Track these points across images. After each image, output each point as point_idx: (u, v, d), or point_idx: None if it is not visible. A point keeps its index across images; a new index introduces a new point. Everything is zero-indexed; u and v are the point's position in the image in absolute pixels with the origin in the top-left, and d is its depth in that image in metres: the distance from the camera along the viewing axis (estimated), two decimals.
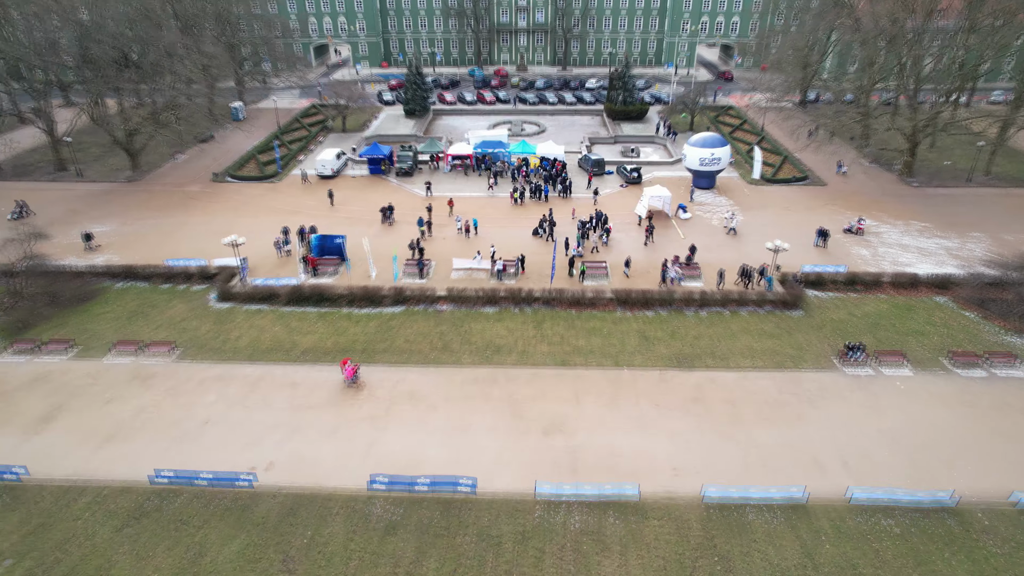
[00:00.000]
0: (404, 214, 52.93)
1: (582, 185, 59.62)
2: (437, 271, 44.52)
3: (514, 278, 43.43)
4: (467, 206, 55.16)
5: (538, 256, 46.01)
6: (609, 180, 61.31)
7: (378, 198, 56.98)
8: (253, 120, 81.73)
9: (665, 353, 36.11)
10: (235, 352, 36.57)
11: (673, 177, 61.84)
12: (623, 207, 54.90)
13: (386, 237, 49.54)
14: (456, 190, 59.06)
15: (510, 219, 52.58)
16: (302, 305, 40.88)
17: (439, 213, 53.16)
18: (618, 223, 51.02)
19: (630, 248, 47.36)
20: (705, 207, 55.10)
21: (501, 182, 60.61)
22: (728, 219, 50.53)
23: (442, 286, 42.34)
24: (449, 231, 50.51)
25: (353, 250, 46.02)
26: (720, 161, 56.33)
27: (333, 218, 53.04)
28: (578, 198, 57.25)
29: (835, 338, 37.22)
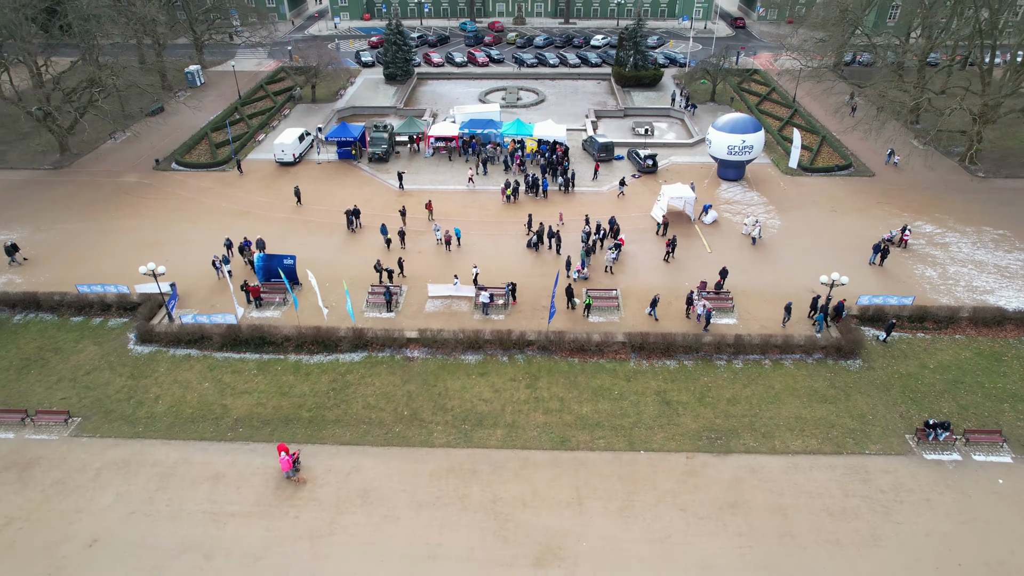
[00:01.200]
0: (375, 215, 44.38)
1: (587, 175, 50.65)
2: (409, 300, 36.33)
3: (503, 311, 35.32)
4: (449, 204, 46.48)
5: (534, 279, 37.75)
6: (619, 168, 52.26)
7: (347, 193, 48.24)
8: (213, 86, 71.72)
9: (692, 427, 28.40)
10: (150, 422, 28.90)
11: (694, 164, 52.75)
12: (637, 206, 46.20)
13: (349, 251, 41.11)
14: (438, 180, 50.18)
15: (501, 223, 43.98)
16: (240, 350, 32.96)
17: (416, 217, 44.53)
18: (630, 228, 42.51)
19: (646, 267, 39.00)
20: (733, 206, 46.36)
21: (492, 169, 51.63)
22: (749, 227, 41.93)
23: (413, 323, 34.31)
24: (426, 241, 42.01)
25: (311, 271, 37.81)
26: (752, 150, 47.26)
27: (294, 221, 44.48)
28: (583, 193, 48.43)
29: (906, 403, 29.44)
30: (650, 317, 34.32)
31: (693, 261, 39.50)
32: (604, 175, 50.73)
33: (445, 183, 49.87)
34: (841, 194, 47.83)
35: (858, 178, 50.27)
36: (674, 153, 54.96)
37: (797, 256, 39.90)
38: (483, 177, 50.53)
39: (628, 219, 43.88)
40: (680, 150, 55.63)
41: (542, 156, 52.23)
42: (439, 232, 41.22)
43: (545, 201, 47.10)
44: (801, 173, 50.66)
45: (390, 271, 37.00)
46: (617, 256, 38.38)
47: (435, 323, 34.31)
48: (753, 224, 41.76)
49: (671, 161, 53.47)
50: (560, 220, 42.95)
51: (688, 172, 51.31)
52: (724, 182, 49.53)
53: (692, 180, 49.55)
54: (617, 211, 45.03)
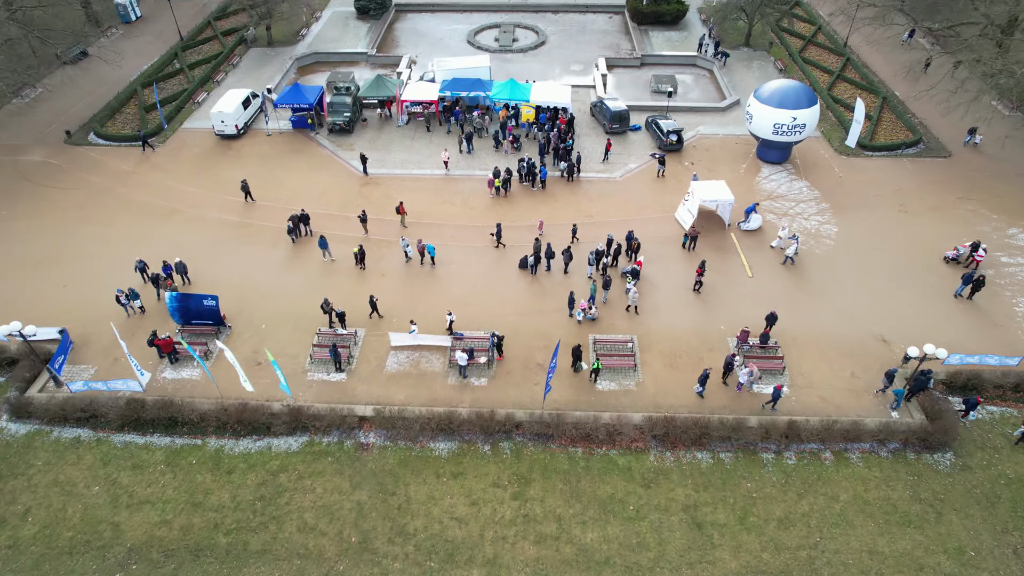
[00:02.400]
0: (331, 216, 35.59)
1: (595, 154, 41.16)
2: (366, 353, 28.34)
3: (486, 371, 27.45)
4: (424, 197, 37.47)
5: (528, 319, 29.61)
6: (635, 143, 42.67)
7: (298, 181, 39.09)
8: (152, 22, 60.22)
9: (732, 567, 21.29)
10: (10, 557, 21.82)
11: (727, 139, 43.01)
12: (655, 203, 37.17)
13: (295, 273, 32.53)
14: (412, 161, 40.80)
15: (488, 228, 35.17)
16: (145, 432, 25.46)
17: (383, 220, 35.68)
18: (648, 236, 33.85)
19: (669, 299, 30.62)
20: (777, 202, 37.27)
21: (479, 145, 42.10)
22: (782, 240, 33.22)
23: (369, 391, 26.58)
24: (392, 258, 33.38)
25: (243, 309, 29.72)
26: (804, 129, 37.63)
27: (230, 226, 35.70)
28: (592, 182, 39.18)
29: (1021, 529, 22.19)
30: (697, 396, 26.36)
31: (730, 290, 31.09)
32: (618, 154, 41.24)
33: (420, 164, 40.48)
34: (911, 185, 38.53)
35: (930, 160, 40.70)
36: (702, 121, 45.00)
37: (861, 281, 31.46)
38: (467, 157, 41.09)
39: (645, 223, 35.08)
40: (709, 117, 45.59)
41: (540, 129, 42.52)
42: (406, 244, 32.56)
43: (543, 194, 38.01)
44: (859, 152, 41.08)
45: (342, 316, 28.76)
46: (634, 287, 29.86)
47: (397, 390, 26.57)
48: (789, 238, 32.92)
49: (698, 133, 43.69)
50: (540, 229, 34.11)
51: (720, 150, 41.76)
52: (765, 166, 40.15)
53: (725, 160, 40.23)
54: (636, 209, 36.14)
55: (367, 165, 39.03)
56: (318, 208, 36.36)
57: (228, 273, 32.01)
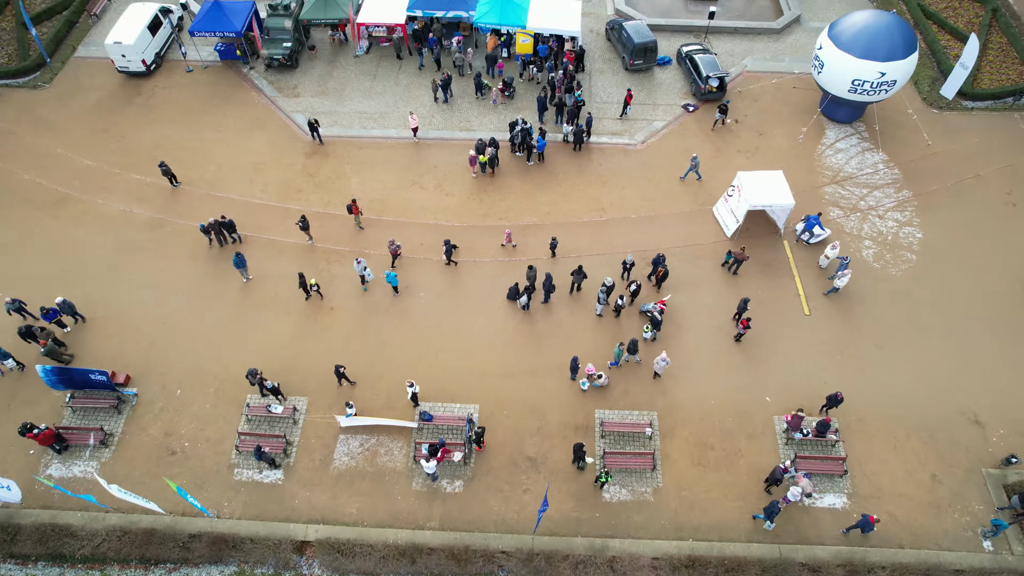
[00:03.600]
0: (268, 209, 27.48)
1: (610, 107, 31.61)
2: (309, 437, 22.08)
3: (463, 470, 21.40)
4: (386, 178, 28.94)
5: (519, 382, 22.97)
6: (663, 82, 32.77)
7: (225, 148, 30.20)
8: None
9: None
10: None
11: (783, 79, 32.94)
12: (690, 186, 28.60)
13: (213, 309, 25.21)
14: (372, 111, 31.44)
15: (467, 232, 27.17)
16: (24, 562, 20.12)
17: (330, 219, 27.52)
18: (674, 243, 26.12)
19: (701, 352, 23.57)
20: (845, 186, 28.65)
21: (459, 90, 32.39)
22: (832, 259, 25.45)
23: (313, 499, 20.80)
24: (343, 284, 25.76)
25: (152, 361, 23.07)
26: (893, 86, 28.01)
27: (138, 224, 27.66)
28: (605, 150, 30.20)
29: None
30: (760, 523, 20.42)
31: (779, 337, 23.96)
32: (640, 103, 31.68)
33: (383, 121, 31.14)
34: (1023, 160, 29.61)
35: None
36: (750, 49, 34.45)
37: (949, 322, 24.28)
38: (444, 110, 31.61)
39: (675, 222, 27.08)
40: (760, 43, 34.88)
41: (540, 68, 32.45)
42: (366, 271, 24.92)
43: (541, 171, 29.32)
44: (957, 104, 31.40)
45: (276, 389, 22.06)
46: (667, 357, 22.60)
47: (348, 498, 20.78)
48: (838, 260, 25.16)
49: (744, 68, 33.51)
50: (508, 240, 26.20)
51: (773, 98, 32.04)
52: (831, 126, 30.83)
53: (781, 116, 30.96)
54: (664, 195, 27.84)
55: (319, 131, 29.76)
56: (251, 194, 28.13)
57: (134, 303, 24.84)
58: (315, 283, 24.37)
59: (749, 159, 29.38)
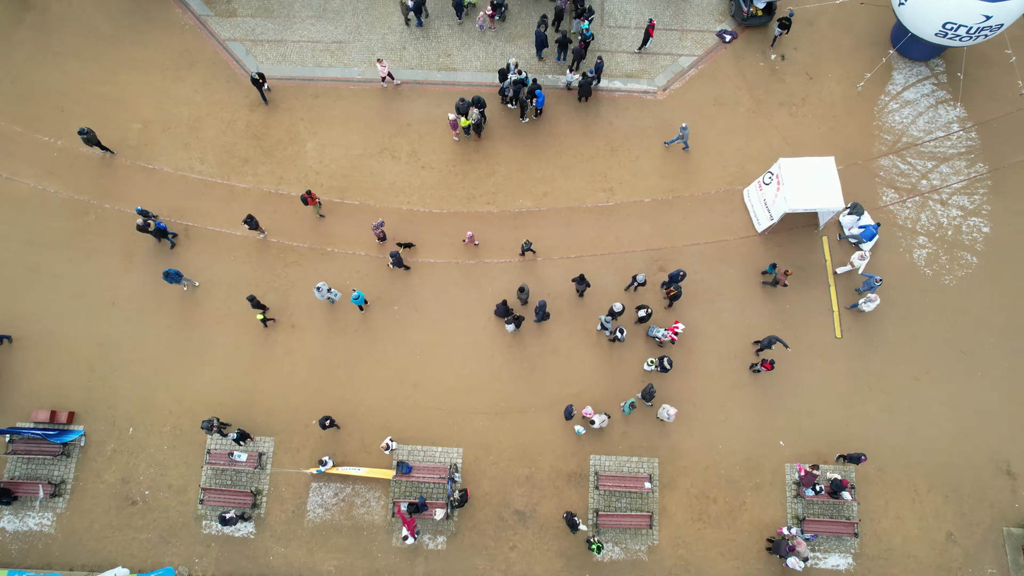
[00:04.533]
0: (203, 192, 22.86)
1: (626, 32, 25.00)
2: (279, 487, 20.23)
3: (446, 527, 19.90)
4: (350, 142, 23.71)
5: (505, 421, 20.60)
6: (693, 4, 25.74)
7: (151, 98, 24.41)
8: None
9: None
10: None
11: (844, 4, 25.79)
12: (725, 153, 23.43)
13: (157, 327, 21.72)
14: (326, 45, 24.96)
15: (448, 220, 22.80)
16: None
17: (284, 201, 22.88)
18: (695, 236, 22.15)
19: (711, 385, 20.82)
20: (903, 159, 23.46)
21: (435, 11, 25.41)
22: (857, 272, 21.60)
23: (289, 554, 19.74)
24: (303, 294, 22.01)
25: (96, 393, 20.56)
26: (996, 30, 21.57)
27: (60, 222, 23.12)
28: (620, 100, 24.33)
29: None
30: None
31: (803, 365, 21.02)
32: (664, 28, 25.06)
33: (344, 53, 24.80)
34: None
35: None
36: None
37: (1006, 348, 21.18)
38: (418, 39, 25.05)
39: (700, 209, 22.67)
40: None
41: None
42: (331, 294, 21.10)
43: (539, 132, 23.90)
44: None
45: (244, 435, 19.71)
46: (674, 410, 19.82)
47: (325, 555, 19.64)
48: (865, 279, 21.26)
49: None
50: (471, 240, 21.85)
51: (831, 26, 25.14)
52: (900, 66, 24.55)
53: (839, 52, 24.66)
54: (688, 171, 23.06)
55: (264, 88, 23.62)
56: (187, 166, 23.27)
57: (65, 318, 21.61)
58: (264, 316, 20.82)
59: (793, 116, 23.83)
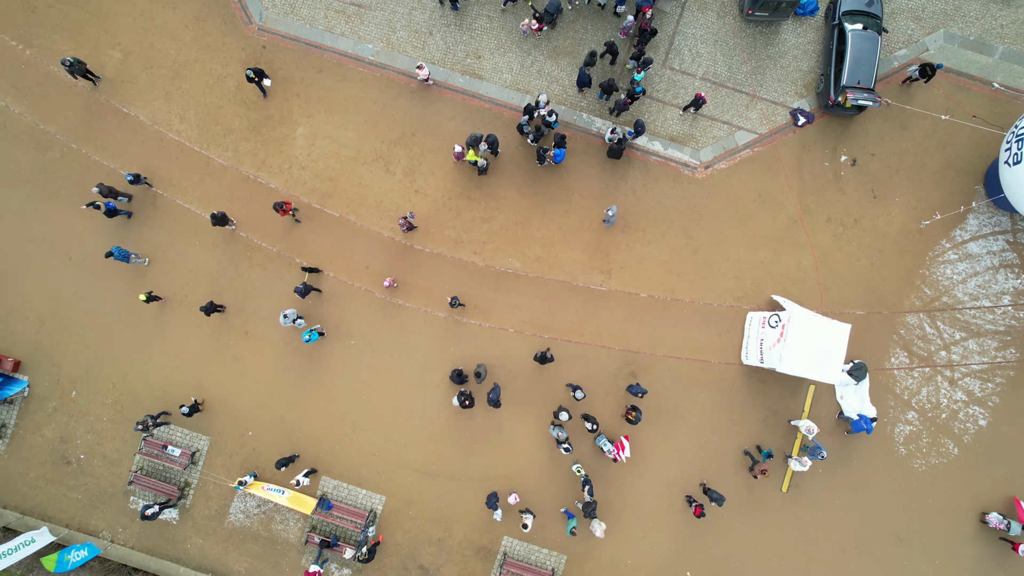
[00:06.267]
0: (179, 161, 20.90)
1: (686, 81, 21.12)
2: (207, 484, 20.87)
3: (354, 563, 20.90)
4: (345, 137, 21.18)
5: (432, 482, 20.81)
6: (779, 59, 21.14)
7: (137, 31, 21.39)
8: None
9: None
10: None
11: (971, 90, 21.04)
12: (760, 265, 21.03)
13: (108, 290, 20.98)
14: (348, 2, 21.23)
15: (430, 264, 20.98)
16: None
17: (258, 194, 20.86)
18: (674, 349, 20.80)
19: (642, 504, 20.64)
20: (938, 320, 20.98)
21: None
22: (803, 433, 20.24)
23: (206, 547, 21.20)
24: (264, 296, 20.74)
25: (44, 347, 20.63)
26: None
27: (17, 156, 21.16)
28: (648, 167, 21.18)
29: None
30: None
31: (737, 515, 20.67)
32: (733, 91, 21.11)
33: (362, 23, 21.07)
34: None
35: None
36: (955, 11, 21.21)
37: (940, 548, 20.79)
38: (450, 27, 21.14)
39: (685, 315, 20.91)
40: (974, 3, 21.30)
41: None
42: (297, 322, 19.97)
43: (550, 178, 21.09)
44: None
45: (195, 407, 19.95)
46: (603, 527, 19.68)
47: (238, 557, 20.98)
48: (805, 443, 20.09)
49: (921, 50, 21.27)
50: (391, 284, 20.33)
51: (930, 128, 21.06)
52: (979, 214, 21.06)
53: (922, 170, 21.22)
54: (711, 278, 20.95)
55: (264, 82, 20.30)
56: (166, 121, 20.97)
57: (18, 261, 20.94)
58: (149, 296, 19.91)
59: (836, 238, 21.02)
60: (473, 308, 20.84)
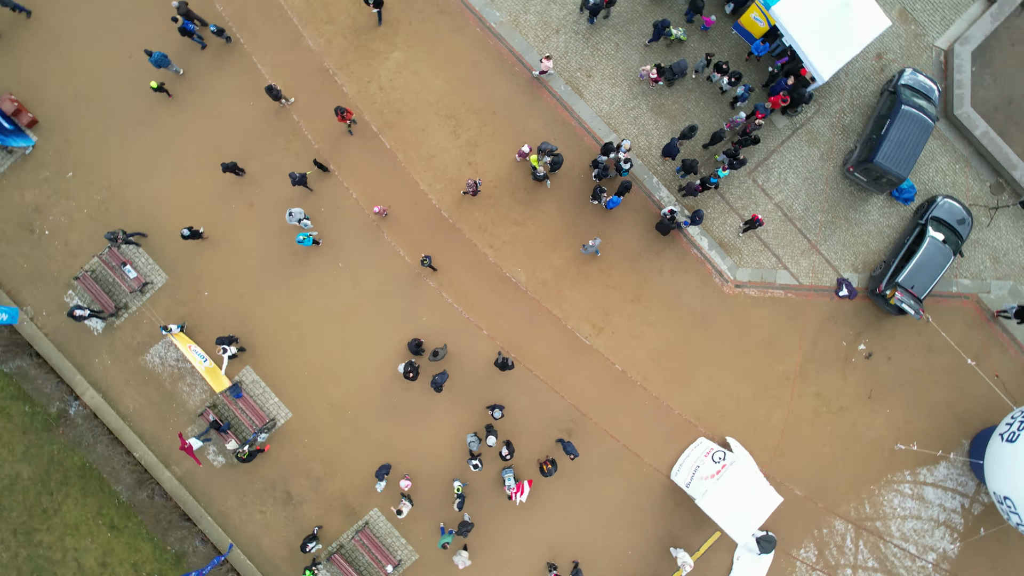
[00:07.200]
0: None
1: (756, 200, 20.93)
2: (142, 316, 20.86)
3: (231, 458, 20.90)
4: (433, 81, 21.04)
5: (343, 431, 20.75)
6: (856, 227, 20.90)
7: None
8: None
9: None
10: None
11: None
12: (705, 386, 20.86)
13: (130, 113, 20.95)
14: None
15: (441, 237, 20.89)
16: None
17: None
18: (614, 429, 20.67)
19: (488, 562, 20.67)
20: (869, 538, 20.81)
21: (620, 15, 20.95)
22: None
23: (113, 370, 20.99)
24: (274, 195, 20.62)
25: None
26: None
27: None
28: (685, 255, 21.00)
29: None
30: None
31: None
32: (795, 233, 20.87)
33: None
34: None
35: None
36: None
37: None
38: (581, 39, 20.89)
39: (642, 405, 20.71)
40: None
41: (755, 57, 20.25)
42: (302, 223, 19.84)
43: (591, 217, 20.95)
44: None
45: (136, 237, 20.01)
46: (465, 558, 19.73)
47: (135, 393, 20.97)
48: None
49: (978, 284, 21.03)
50: (379, 212, 20.36)
51: (940, 374, 20.82)
52: (956, 463, 20.84)
53: (927, 404, 20.99)
54: (685, 417, 20.79)
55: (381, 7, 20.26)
56: None
57: (73, 29, 20.90)
58: (159, 85, 19.77)
59: (815, 415, 20.77)
60: (462, 295, 20.72)
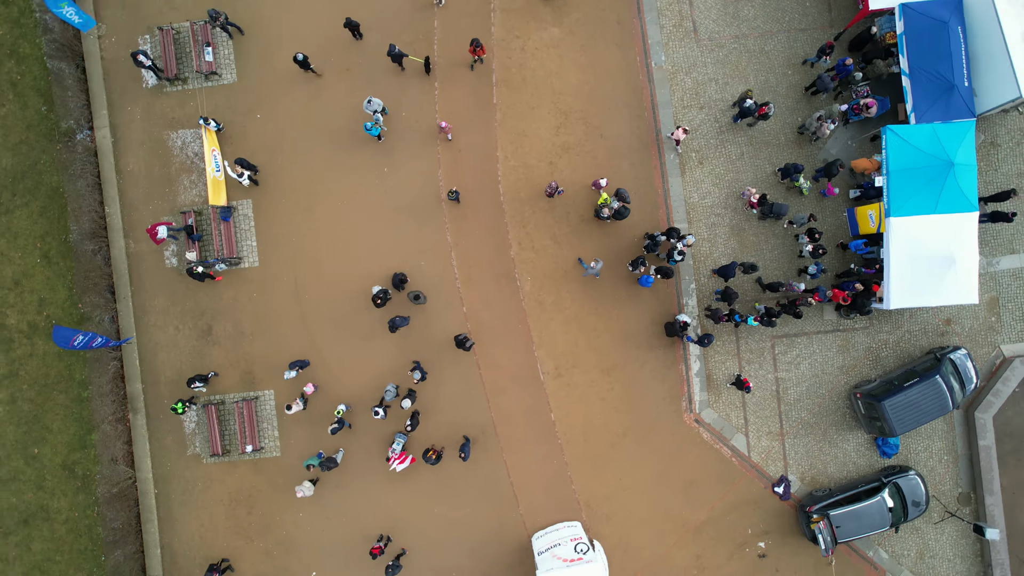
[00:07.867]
0: None
1: (763, 376, 20.86)
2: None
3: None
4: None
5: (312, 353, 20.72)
6: (837, 460, 20.89)
7: None
8: None
9: None
10: None
11: None
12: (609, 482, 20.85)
13: None
14: None
15: (487, 219, 20.81)
16: None
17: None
18: (518, 480, 20.63)
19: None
20: None
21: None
22: None
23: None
24: (329, 123, 20.64)
25: None
26: None
27: None
28: (669, 365, 20.90)
29: None
30: None
31: None
32: (763, 415, 20.82)
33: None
34: None
35: None
36: None
37: None
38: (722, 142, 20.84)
39: (550, 482, 20.65)
40: None
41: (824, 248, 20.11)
42: (377, 116, 19.68)
43: (620, 286, 20.79)
44: None
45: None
46: None
47: (136, 156, 20.78)
48: None
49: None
50: (444, 131, 19.95)
51: None
52: None
53: None
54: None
55: None
56: None
57: None
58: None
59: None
60: (466, 266, 20.65)
